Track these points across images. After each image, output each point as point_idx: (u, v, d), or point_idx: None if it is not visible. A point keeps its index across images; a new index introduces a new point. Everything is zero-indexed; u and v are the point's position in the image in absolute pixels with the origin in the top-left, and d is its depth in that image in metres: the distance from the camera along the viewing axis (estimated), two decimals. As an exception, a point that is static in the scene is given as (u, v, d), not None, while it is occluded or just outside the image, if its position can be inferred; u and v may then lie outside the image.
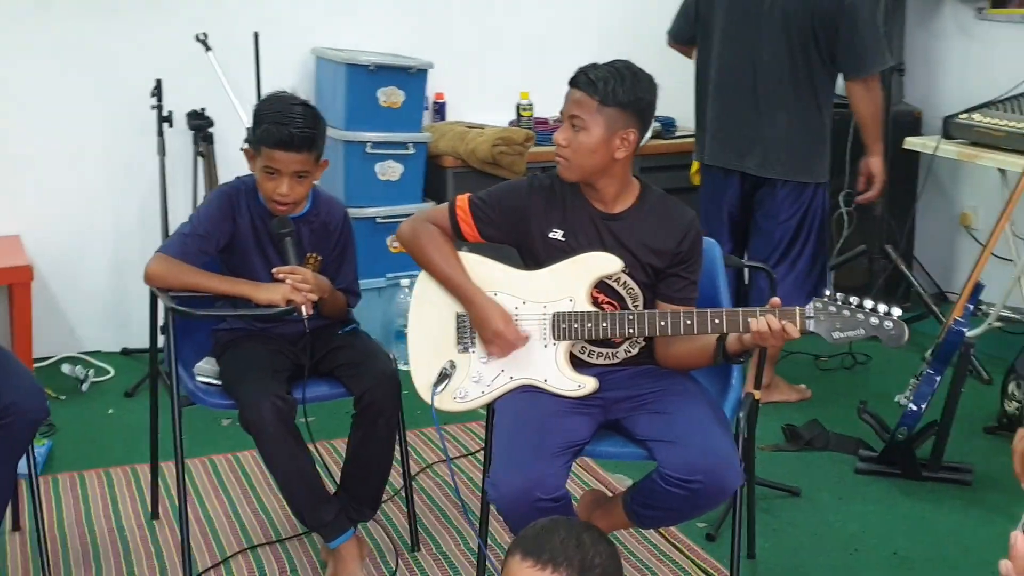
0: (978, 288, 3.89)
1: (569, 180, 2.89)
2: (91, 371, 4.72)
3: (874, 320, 2.66)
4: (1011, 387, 4.13)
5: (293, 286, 3.14)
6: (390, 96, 4.99)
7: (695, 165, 4.60)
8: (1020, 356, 4.14)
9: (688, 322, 2.76)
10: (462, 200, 2.97)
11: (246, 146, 3.29)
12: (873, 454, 4.03)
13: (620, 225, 2.90)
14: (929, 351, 3.90)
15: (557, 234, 2.91)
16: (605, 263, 2.87)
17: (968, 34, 5.58)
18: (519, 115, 5.44)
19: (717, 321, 2.74)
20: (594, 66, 2.83)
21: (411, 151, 5.05)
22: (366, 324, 3.52)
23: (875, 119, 4.38)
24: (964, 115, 4.97)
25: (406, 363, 3.04)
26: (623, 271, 2.88)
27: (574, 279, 2.87)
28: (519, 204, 2.94)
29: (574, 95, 2.83)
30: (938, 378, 3.82)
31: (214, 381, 3.24)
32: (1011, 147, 4.69)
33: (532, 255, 2.94)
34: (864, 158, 4.50)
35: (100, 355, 4.98)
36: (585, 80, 2.80)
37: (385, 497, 3.41)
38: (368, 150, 4.97)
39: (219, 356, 3.29)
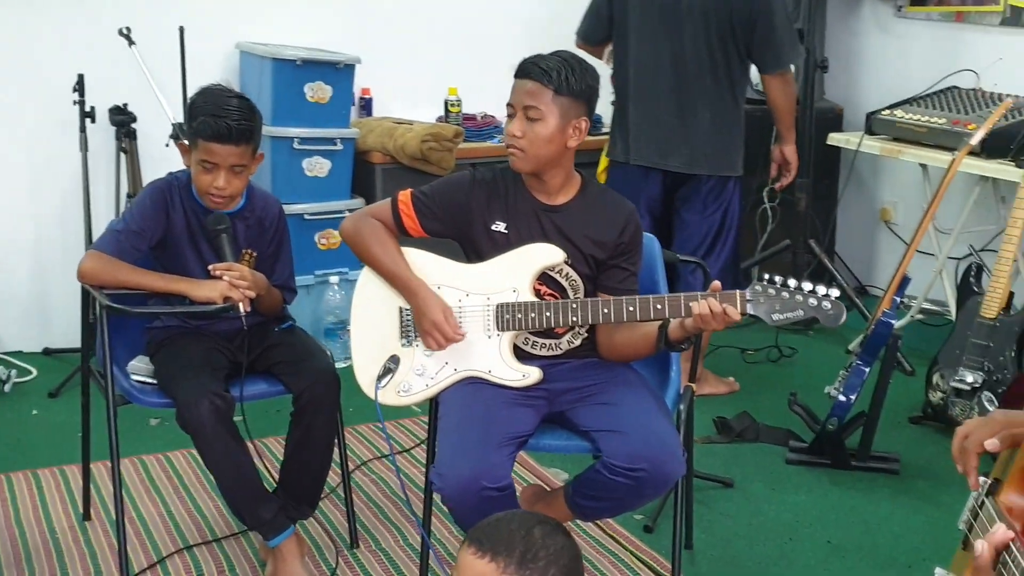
0: (905, 281, 3.97)
1: (523, 171, 2.89)
2: (13, 371, 4.62)
3: (812, 301, 2.71)
4: (935, 378, 4.20)
5: (231, 283, 3.10)
6: (317, 91, 4.94)
7: (603, 163, 4.62)
8: (943, 348, 4.21)
9: (631, 308, 2.77)
10: (404, 195, 2.96)
11: (171, 142, 3.23)
12: (803, 445, 4.09)
13: (562, 217, 2.91)
14: (856, 343, 3.96)
15: (500, 226, 2.90)
16: (548, 254, 2.87)
17: (887, 32, 5.69)
18: (447, 111, 5.41)
19: (659, 306, 2.75)
20: (542, 56, 2.82)
21: (339, 147, 5.00)
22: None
23: (791, 110, 4.50)
24: (887, 111, 5.06)
25: (340, 359, 3.01)
26: (565, 262, 2.88)
27: (517, 271, 2.87)
28: (461, 198, 2.93)
29: (526, 86, 2.82)
30: (867, 369, 3.89)
31: (149, 380, 3.18)
32: (933, 143, 4.77)
33: (474, 248, 2.94)
34: (778, 146, 4.58)
35: (21, 355, 4.88)
36: (538, 70, 2.80)
37: (322, 494, 3.38)
38: (295, 146, 4.91)
39: (153, 354, 3.23)
